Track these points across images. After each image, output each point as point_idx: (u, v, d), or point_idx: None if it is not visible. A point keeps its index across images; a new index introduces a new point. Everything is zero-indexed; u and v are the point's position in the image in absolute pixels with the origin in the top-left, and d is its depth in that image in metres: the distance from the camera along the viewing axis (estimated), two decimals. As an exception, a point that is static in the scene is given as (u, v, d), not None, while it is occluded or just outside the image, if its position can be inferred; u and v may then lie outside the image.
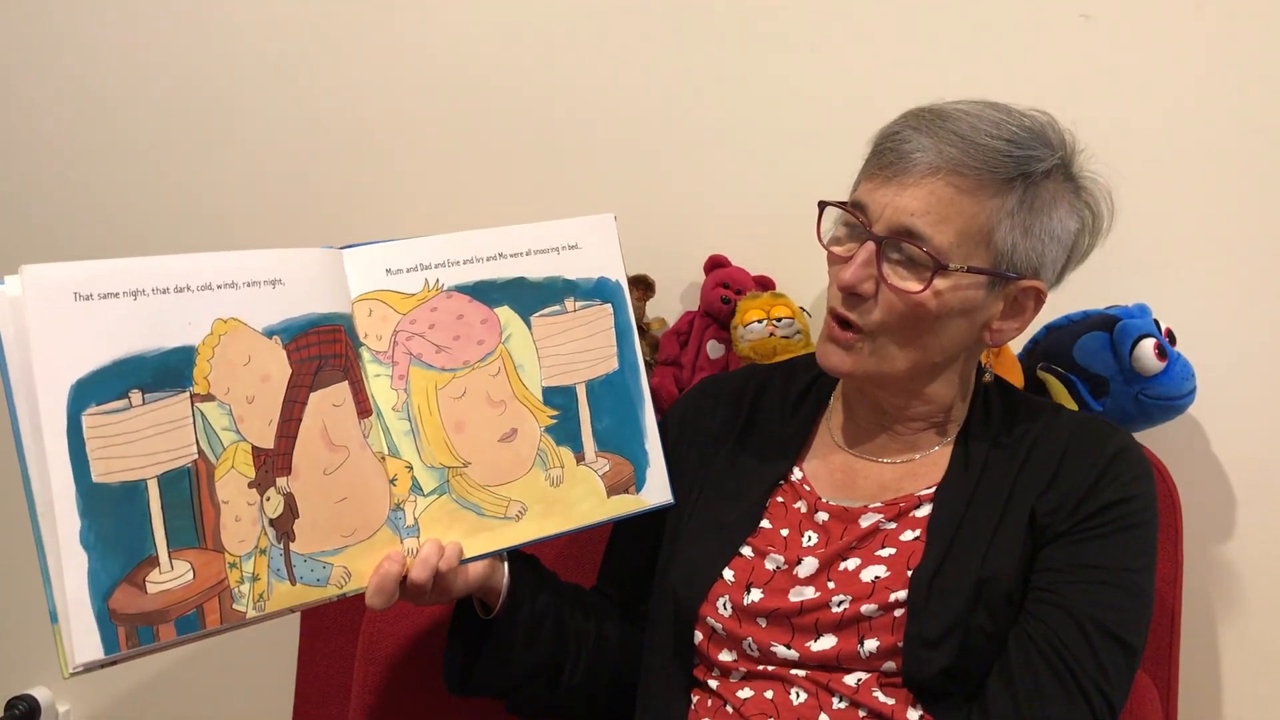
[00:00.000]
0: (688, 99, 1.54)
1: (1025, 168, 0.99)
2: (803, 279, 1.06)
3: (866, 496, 1.09)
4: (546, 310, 1.04)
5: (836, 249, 1.06)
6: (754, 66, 1.51)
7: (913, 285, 1.00)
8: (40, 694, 1.80)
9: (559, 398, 1.04)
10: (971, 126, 0.99)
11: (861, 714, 1.00)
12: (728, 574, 1.07)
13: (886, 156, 1.02)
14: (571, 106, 1.57)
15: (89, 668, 0.82)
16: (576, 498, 1.04)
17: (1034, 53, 1.42)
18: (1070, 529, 1.01)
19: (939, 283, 1.00)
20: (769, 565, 1.07)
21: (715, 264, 1.51)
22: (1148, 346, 1.30)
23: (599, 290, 1.07)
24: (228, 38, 1.67)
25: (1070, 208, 1.04)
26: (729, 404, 1.20)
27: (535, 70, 1.58)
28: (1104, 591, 0.99)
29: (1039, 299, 1.05)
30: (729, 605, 1.06)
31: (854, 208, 1.04)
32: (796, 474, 1.13)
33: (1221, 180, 1.39)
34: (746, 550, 1.09)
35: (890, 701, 0.99)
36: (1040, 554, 1.01)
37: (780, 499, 1.12)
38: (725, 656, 1.06)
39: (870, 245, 1.01)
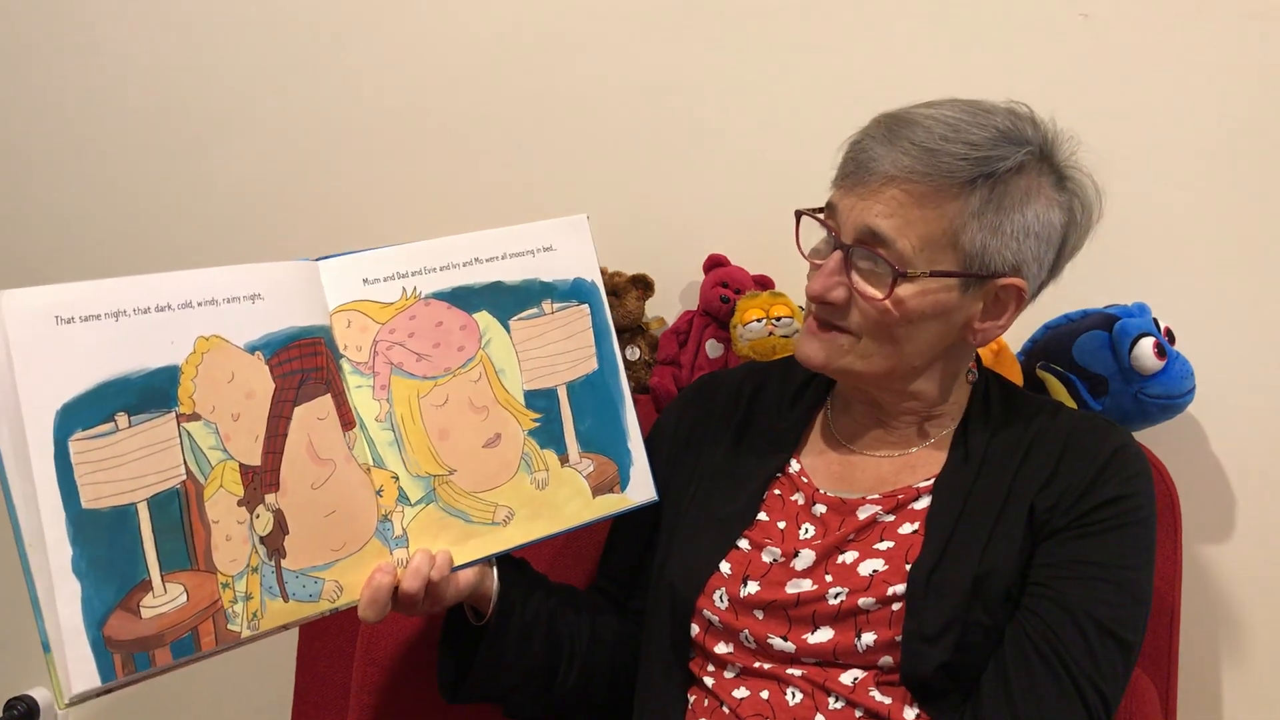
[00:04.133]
0: (687, 96, 1.54)
1: (986, 168, 0.99)
2: (802, 278, 1.07)
3: (864, 489, 1.10)
4: (525, 313, 1.05)
5: (816, 260, 1.07)
6: (754, 63, 1.51)
7: (877, 293, 1.01)
8: (39, 694, 1.81)
9: (541, 400, 1.05)
10: (928, 132, 0.99)
11: (858, 714, 1.00)
12: (724, 566, 1.08)
13: (849, 165, 1.04)
14: (567, 104, 1.57)
15: (85, 697, 0.82)
16: (562, 499, 1.05)
17: (1034, 52, 1.42)
18: (1068, 525, 1.02)
19: (902, 290, 1.01)
20: (765, 558, 1.08)
21: (714, 263, 1.52)
22: (1147, 345, 1.30)
23: (575, 291, 1.08)
24: (199, 50, 1.67)
25: (1050, 200, 1.03)
26: (726, 399, 1.21)
27: (529, 68, 1.57)
28: (1100, 588, 0.99)
29: (1020, 297, 1.04)
30: (725, 598, 1.07)
31: (826, 211, 1.06)
32: (794, 466, 1.14)
33: (1221, 178, 1.39)
34: (743, 543, 1.10)
35: (887, 700, 1.00)
36: (1038, 550, 1.02)
37: (778, 491, 1.13)
38: (721, 649, 1.07)
39: (838, 254, 1.03)
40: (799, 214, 1.10)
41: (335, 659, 1.46)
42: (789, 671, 1.04)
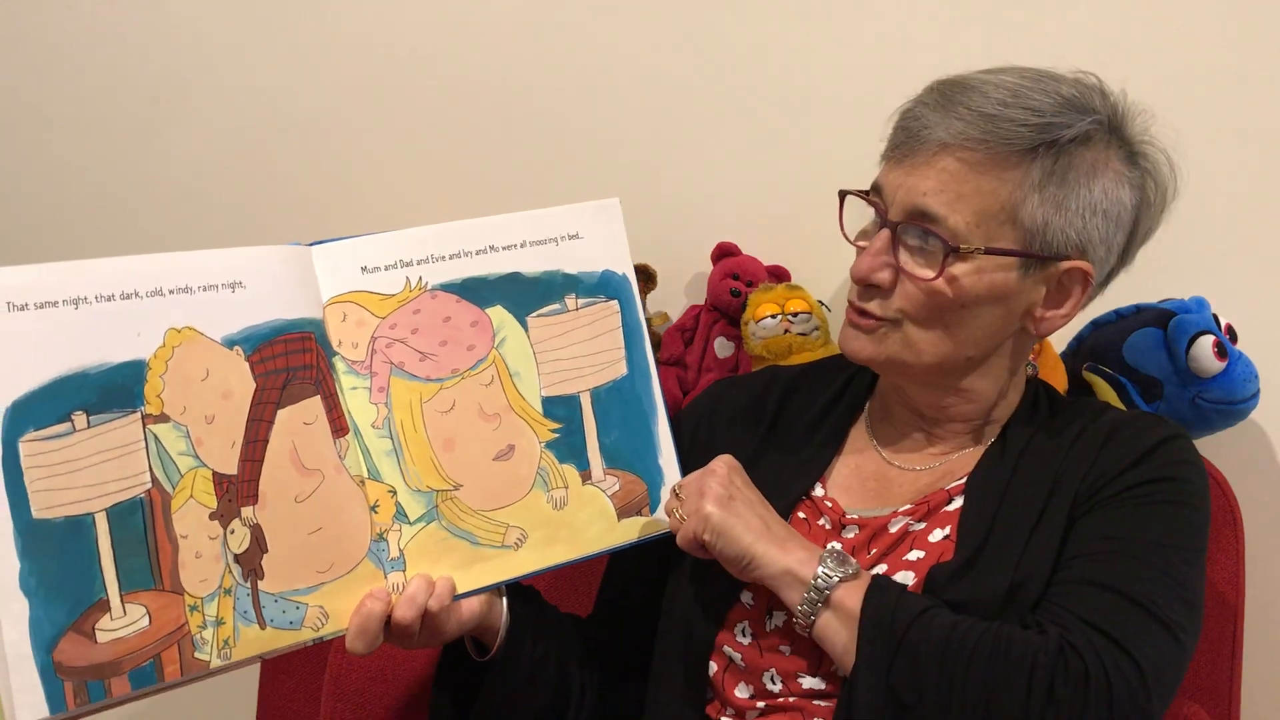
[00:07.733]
0: (693, 70, 1.50)
1: (1048, 135, 0.98)
2: (821, 269, 1.07)
3: (898, 503, 1.08)
4: (545, 309, 1.02)
5: (862, 241, 1.05)
6: (767, 35, 1.48)
7: (927, 272, 1.00)
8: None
9: (561, 408, 1.02)
10: (985, 97, 0.98)
11: None
12: (745, 597, 1.05)
13: (899, 136, 1.03)
14: (567, 83, 1.55)
15: None
16: (583, 521, 1.02)
17: (1081, 22, 1.39)
18: (1100, 503, 0.99)
19: (955, 268, 0.99)
20: None
21: (723, 252, 1.49)
22: (1206, 344, 1.28)
23: (604, 285, 1.04)
24: (182, 8, 1.63)
25: (1119, 176, 1.01)
26: (747, 410, 1.18)
27: (528, 45, 1.55)
28: (1125, 562, 0.94)
29: (1086, 282, 1.03)
30: (748, 631, 1.03)
31: (872, 191, 1.05)
32: (819, 491, 1.11)
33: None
34: None
35: None
36: (1068, 540, 0.99)
37: (803, 515, 1.10)
38: (741, 693, 1.03)
39: (885, 232, 1.02)
40: (843, 194, 1.08)
41: (300, 696, 1.44)
42: (815, 702, 1.00)
